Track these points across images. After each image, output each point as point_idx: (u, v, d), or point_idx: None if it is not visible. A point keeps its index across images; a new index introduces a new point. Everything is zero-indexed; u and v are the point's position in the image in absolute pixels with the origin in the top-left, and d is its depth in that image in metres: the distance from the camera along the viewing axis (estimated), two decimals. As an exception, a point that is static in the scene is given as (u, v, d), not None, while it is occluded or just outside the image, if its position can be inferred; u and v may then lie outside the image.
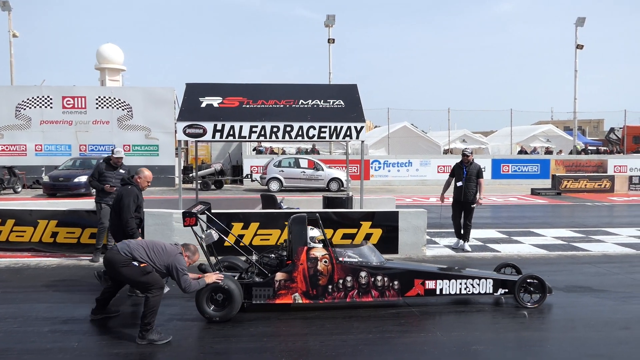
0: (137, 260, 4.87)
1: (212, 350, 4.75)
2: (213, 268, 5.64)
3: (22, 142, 22.48)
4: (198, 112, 8.98)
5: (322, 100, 9.44)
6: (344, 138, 8.91)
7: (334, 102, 9.41)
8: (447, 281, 5.82)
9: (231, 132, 8.69)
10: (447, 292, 5.85)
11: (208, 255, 5.67)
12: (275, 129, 8.75)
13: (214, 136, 8.69)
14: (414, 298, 5.83)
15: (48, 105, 22.59)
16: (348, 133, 8.84)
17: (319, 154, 27.84)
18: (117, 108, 22.92)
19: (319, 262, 5.55)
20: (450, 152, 32.59)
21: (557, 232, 11.12)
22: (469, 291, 5.88)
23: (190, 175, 22.92)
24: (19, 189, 19.99)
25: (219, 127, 8.68)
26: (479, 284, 5.87)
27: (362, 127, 8.91)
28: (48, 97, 22.60)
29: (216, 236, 5.66)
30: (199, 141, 10.02)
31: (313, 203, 11.00)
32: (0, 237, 8.63)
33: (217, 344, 4.87)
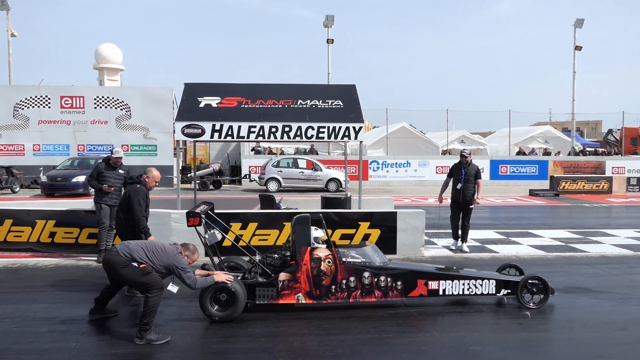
0: (136, 261, 4.87)
1: (211, 350, 4.75)
2: (216, 268, 5.63)
3: (20, 142, 22.45)
4: (196, 112, 8.97)
5: (320, 101, 9.44)
6: (342, 138, 8.92)
7: (332, 103, 9.41)
8: (450, 282, 5.82)
9: (229, 132, 8.69)
10: (450, 293, 5.84)
11: (211, 256, 5.66)
12: (273, 129, 8.75)
13: (212, 136, 8.68)
14: (417, 298, 5.82)
15: (46, 105, 22.56)
16: (346, 133, 8.84)
17: (317, 154, 27.86)
18: (116, 108, 22.90)
19: (322, 262, 5.55)
20: (449, 152, 32.62)
21: (555, 233, 11.14)
22: (472, 292, 5.87)
23: (188, 175, 22.94)
24: (17, 189, 19.96)
25: (217, 127, 8.68)
26: (481, 285, 5.87)
27: (360, 128, 8.91)
28: (46, 96, 22.57)
29: (220, 236, 5.65)
30: (197, 141, 10.02)
31: (311, 203, 11.00)
32: (-2, 237, 8.60)
33: (216, 344, 4.87)
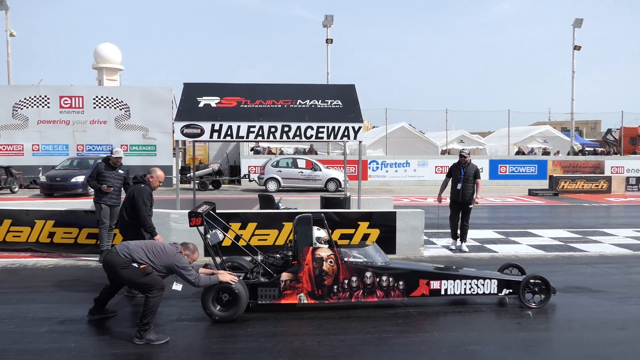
0: (136, 262, 4.87)
1: (210, 350, 4.75)
2: (218, 268, 5.63)
3: (19, 142, 22.44)
4: (196, 112, 8.97)
5: (320, 101, 9.44)
6: (341, 138, 8.92)
7: (331, 103, 9.41)
8: (452, 281, 5.81)
9: (229, 132, 8.69)
10: (452, 293, 5.83)
11: (213, 256, 5.66)
12: (273, 129, 8.75)
13: (211, 136, 8.68)
14: (419, 298, 5.82)
15: (45, 104, 22.55)
16: (346, 133, 8.84)
17: (316, 154, 27.87)
18: (115, 108, 22.89)
19: (324, 262, 5.54)
20: (448, 152, 32.63)
21: (554, 232, 11.15)
22: (474, 291, 5.87)
23: (187, 175, 22.95)
24: (16, 189, 19.94)
25: (216, 127, 8.68)
26: (483, 284, 5.86)
27: (359, 128, 8.91)
28: (45, 96, 22.56)
29: (222, 236, 5.66)
30: (196, 141, 10.02)
31: (311, 203, 10.99)
32: (-3, 238, 8.60)
33: (215, 344, 4.87)
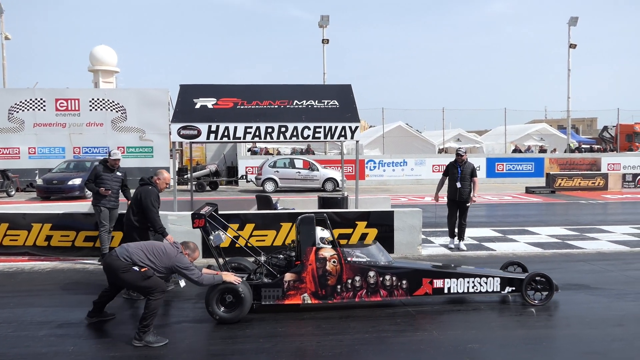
0: (137, 265, 4.86)
1: (209, 352, 4.75)
2: (221, 269, 5.63)
3: (15, 145, 22.35)
4: (192, 113, 8.96)
5: (316, 101, 9.44)
6: (338, 138, 8.92)
7: (328, 103, 9.41)
8: (455, 280, 5.81)
9: (226, 133, 8.68)
10: (455, 291, 5.84)
11: (216, 257, 5.66)
12: (269, 130, 8.75)
13: (208, 137, 8.67)
14: (422, 297, 5.82)
15: (41, 107, 22.47)
16: (343, 133, 8.85)
17: (313, 154, 27.83)
18: (111, 110, 22.83)
19: (327, 262, 5.55)
20: (445, 151, 32.65)
21: (551, 230, 11.17)
22: (477, 290, 5.87)
23: (185, 176, 22.89)
24: (13, 193, 19.85)
25: (213, 128, 8.67)
26: (486, 283, 5.87)
27: (356, 127, 8.92)
28: (41, 99, 22.49)
29: (224, 237, 5.66)
30: (193, 142, 10.00)
31: (308, 203, 10.99)
32: (-6, 241, 8.57)
33: (214, 346, 4.87)
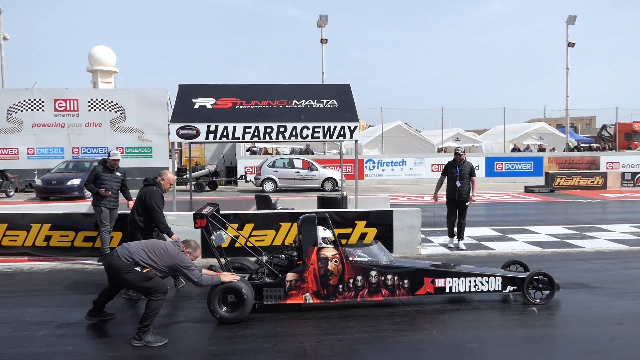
0: (139, 265, 4.85)
1: (208, 352, 4.75)
2: (223, 269, 5.63)
3: (14, 146, 22.32)
4: (191, 113, 8.96)
5: (315, 101, 9.44)
6: (337, 138, 8.92)
7: (327, 102, 9.41)
8: (457, 279, 5.82)
9: (225, 133, 8.68)
10: (457, 290, 5.84)
11: (218, 257, 5.66)
12: (268, 130, 8.75)
13: (207, 137, 8.67)
14: (423, 297, 5.83)
15: (40, 108, 22.44)
16: (342, 133, 8.85)
17: (312, 154, 27.83)
18: (110, 110, 22.80)
19: (329, 262, 5.55)
20: (444, 150, 32.67)
21: (550, 229, 11.18)
22: (478, 289, 5.87)
23: (184, 176, 22.87)
24: (12, 193, 19.83)
25: (212, 128, 8.67)
26: (488, 282, 5.87)
27: (355, 127, 8.92)
28: (40, 100, 22.46)
29: (226, 237, 5.66)
30: (192, 142, 10.00)
31: (307, 203, 10.99)
32: (-7, 242, 8.56)
33: (213, 346, 4.87)
